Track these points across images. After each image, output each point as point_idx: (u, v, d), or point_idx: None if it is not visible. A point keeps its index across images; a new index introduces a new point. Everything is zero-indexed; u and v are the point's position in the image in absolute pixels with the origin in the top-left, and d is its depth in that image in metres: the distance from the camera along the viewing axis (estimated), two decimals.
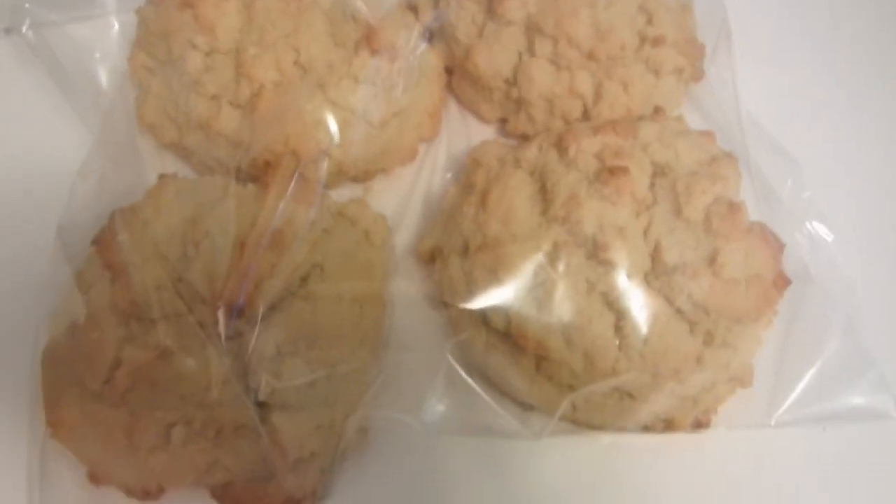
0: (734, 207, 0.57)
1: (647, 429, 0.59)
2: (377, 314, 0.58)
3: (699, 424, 0.60)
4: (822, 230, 0.68)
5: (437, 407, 0.57)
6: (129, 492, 0.55)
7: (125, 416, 0.53)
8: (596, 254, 0.54)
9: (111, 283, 0.56)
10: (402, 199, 0.69)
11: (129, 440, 0.53)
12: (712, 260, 0.55)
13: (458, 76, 0.73)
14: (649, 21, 0.69)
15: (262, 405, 0.54)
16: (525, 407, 0.59)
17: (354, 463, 0.58)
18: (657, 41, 0.68)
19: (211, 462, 0.54)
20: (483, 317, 0.57)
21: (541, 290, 0.55)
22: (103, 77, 0.74)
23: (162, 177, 0.63)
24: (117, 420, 0.53)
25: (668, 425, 0.59)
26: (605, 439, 0.58)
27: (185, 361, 0.52)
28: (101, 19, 0.76)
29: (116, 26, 0.77)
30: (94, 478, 0.55)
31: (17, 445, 0.59)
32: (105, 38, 0.76)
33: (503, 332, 0.56)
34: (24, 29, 0.73)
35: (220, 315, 0.52)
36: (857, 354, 0.63)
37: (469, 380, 0.57)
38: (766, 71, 0.76)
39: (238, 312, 0.52)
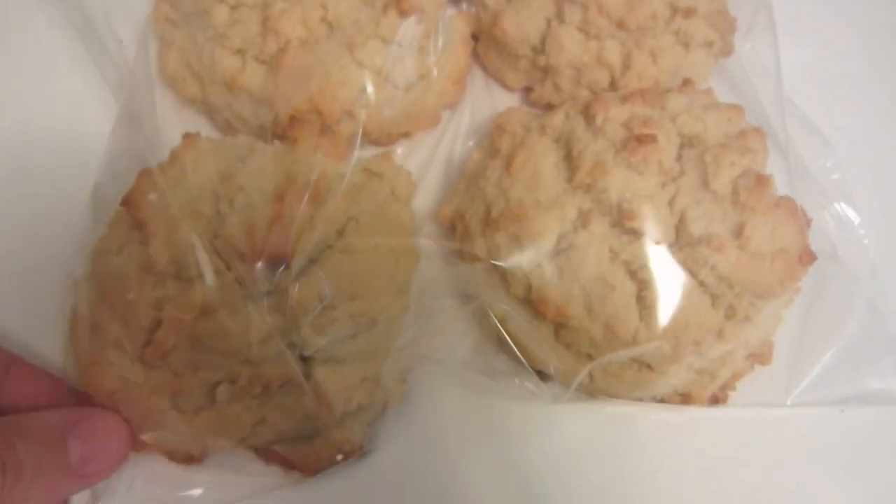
0: (762, 181, 0.56)
1: (663, 401, 0.59)
2: (412, 264, 0.58)
3: (716, 400, 0.59)
4: (849, 212, 0.67)
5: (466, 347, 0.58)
6: (172, 457, 0.55)
7: (168, 377, 0.52)
8: (621, 222, 0.54)
9: (143, 244, 0.55)
10: (422, 164, 0.69)
11: (172, 401, 0.52)
12: (738, 233, 0.54)
13: (484, 42, 0.72)
14: None
15: (305, 360, 0.53)
16: (542, 377, 0.59)
17: (395, 415, 0.58)
18: (688, 13, 0.67)
19: (258, 420, 0.53)
20: (503, 282, 0.56)
21: (563, 257, 0.54)
22: (125, 28, 0.73)
23: (186, 135, 0.62)
24: (159, 382, 0.52)
25: (685, 399, 0.58)
26: (621, 408, 0.58)
27: (227, 319, 0.51)
28: None
29: None
30: (137, 444, 0.54)
31: None
32: None
33: (523, 298, 0.55)
34: None
35: (261, 269, 0.51)
36: (879, 337, 0.62)
37: (497, 327, 0.56)
38: (799, 51, 0.75)
39: (279, 265, 0.51)
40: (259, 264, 0.51)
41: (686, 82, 0.65)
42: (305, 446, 0.54)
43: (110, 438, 0.52)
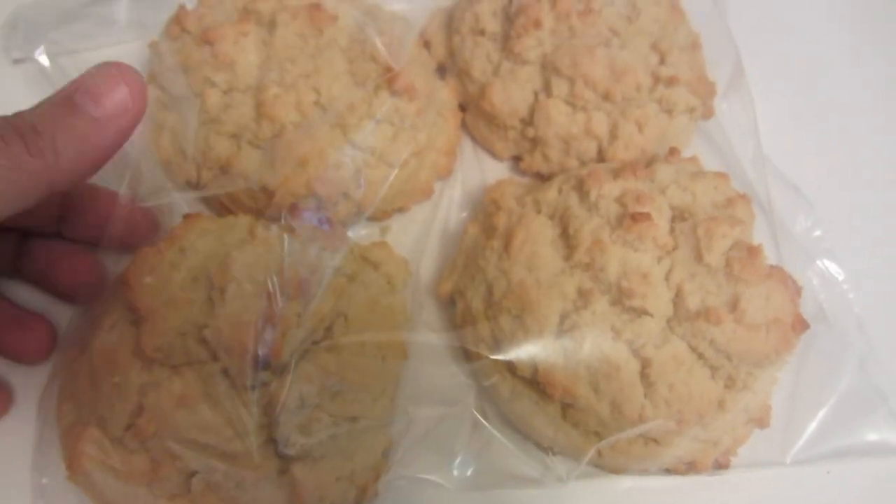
0: (753, 252, 0.58)
1: (669, 471, 0.60)
2: (398, 364, 0.58)
3: (719, 465, 0.60)
4: (832, 268, 0.69)
5: (466, 463, 0.57)
6: None
7: (146, 461, 0.53)
8: (621, 300, 0.55)
9: (134, 326, 0.55)
10: (419, 237, 0.69)
11: (148, 487, 0.53)
12: (734, 305, 0.55)
13: (472, 113, 0.74)
14: (662, 61, 0.70)
15: (282, 456, 0.54)
16: (549, 452, 0.59)
17: None
18: (670, 81, 0.69)
19: None
20: (509, 363, 0.57)
21: (567, 337, 0.55)
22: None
23: (187, 216, 0.62)
24: (137, 465, 0.52)
25: (690, 467, 0.59)
26: (628, 483, 0.59)
27: (208, 411, 0.51)
28: (117, 49, 0.75)
29: (133, 57, 0.76)
30: None
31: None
32: None
33: (529, 379, 0.56)
34: (37, 54, 0.72)
35: (245, 364, 0.52)
36: (870, 391, 0.64)
37: (493, 430, 0.57)
38: (775, 106, 0.77)
39: (265, 364, 0.52)
40: (244, 359, 0.51)
41: (672, 151, 0.67)
42: None
43: (119, 74, 0.50)
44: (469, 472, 0.57)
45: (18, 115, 0.47)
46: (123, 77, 0.50)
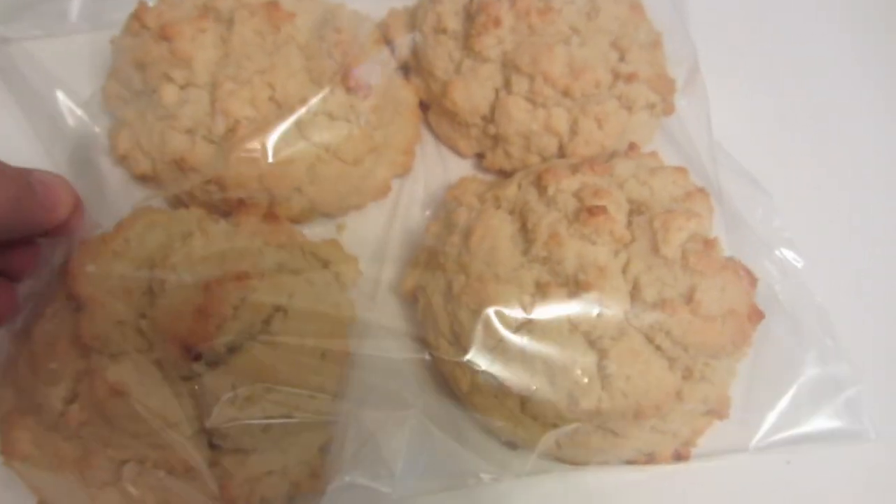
0: (709, 244, 0.58)
1: (629, 463, 0.60)
2: (339, 363, 0.58)
3: (679, 456, 0.61)
4: (791, 257, 0.70)
5: (411, 468, 0.56)
6: None
7: (78, 449, 0.53)
8: (578, 293, 0.55)
9: (75, 313, 0.55)
10: (380, 236, 0.69)
11: (80, 474, 0.53)
12: (690, 297, 0.56)
13: (435, 111, 0.74)
14: (622, 58, 0.70)
15: (214, 447, 0.54)
16: (509, 445, 0.59)
17: None
18: (630, 78, 0.69)
19: (160, 502, 0.54)
20: (466, 356, 0.57)
21: (524, 330, 0.55)
22: (67, 102, 0.72)
23: (137, 208, 0.62)
24: (70, 453, 0.53)
25: (650, 458, 0.60)
26: (588, 476, 0.59)
27: (140, 400, 0.51)
28: (67, 40, 0.75)
29: (86, 49, 0.75)
30: None
31: None
32: (72, 62, 0.74)
33: (488, 372, 0.56)
34: None
35: (179, 355, 0.52)
36: (830, 379, 0.65)
37: (441, 433, 0.56)
38: (732, 102, 0.78)
39: (196, 356, 0.52)
40: (178, 350, 0.51)
41: (632, 146, 0.67)
42: None
43: (57, 183, 0.57)
44: (413, 477, 0.56)
45: None
46: (64, 186, 0.57)
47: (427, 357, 0.58)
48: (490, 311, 0.55)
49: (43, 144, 0.71)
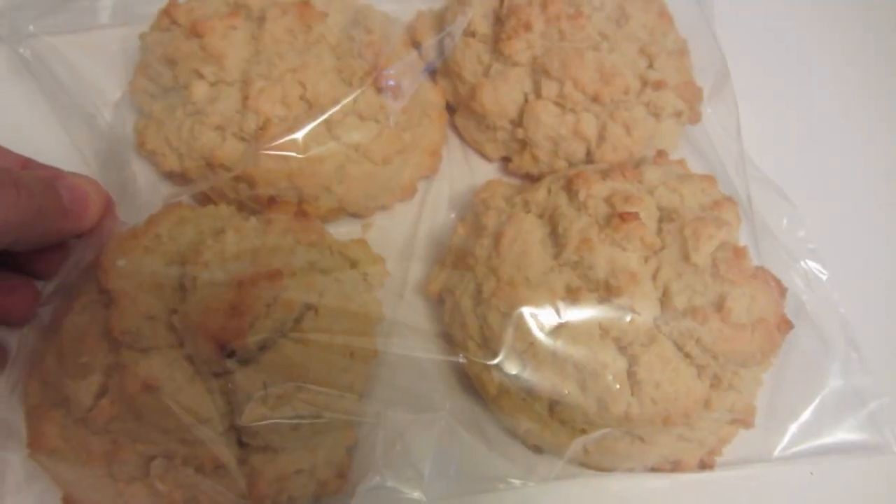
0: (739, 253, 0.58)
1: (654, 470, 0.60)
2: (367, 362, 0.58)
3: (704, 465, 0.60)
4: (816, 268, 0.70)
5: (438, 471, 0.56)
6: None
7: (106, 443, 0.53)
8: (609, 298, 0.55)
9: (105, 308, 0.55)
10: (407, 237, 0.69)
11: (108, 468, 0.53)
12: (720, 305, 0.56)
13: (462, 114, 0.74)
14: (650, 65, 0.70)
15: (243, 445, 0.54)
16: (535, 449, 0.59)
17: None
18: (658, 85, 0.70)
19: (188, 498, 0.53)
20: (496, 358, 0.56)
21: (555, 334, 0.55)
22: (96, 98, 0.72)
23: (167, 204, 0.62)
24: (98, 447, 0.53)
25: (676, 466, 0.59)
26: (613, 483, 0.59)
27: (171, 396, 0.51)
28: (97, 35, 0.75)
29: (115, 44, 0.75)
30: (70, 502, 0.54)
31: None
32: (101, 57, 0.74)
33: (517, 375, 0.56)
34: (17, 44, 0.71)
35: (211, 352, 0.51)
36: (853, 391, 0.65)
37: (470, 436, 0.56)
38: (758, 111, 0.79)
39: (229, 352, 0.52)
40: (209, 347, 0.51)
41: (660, 153, 0.67)
42: None
43: (87, 188, 0.57)
44: (442, 481, 0.56)
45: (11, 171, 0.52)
46: (94, 187, 0.57)
47: (459, 359, 0.58)
48: (524, 312, 0.54)
49: (72, 140, 0.71)
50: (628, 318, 0.55)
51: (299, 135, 0.63)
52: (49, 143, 0.70)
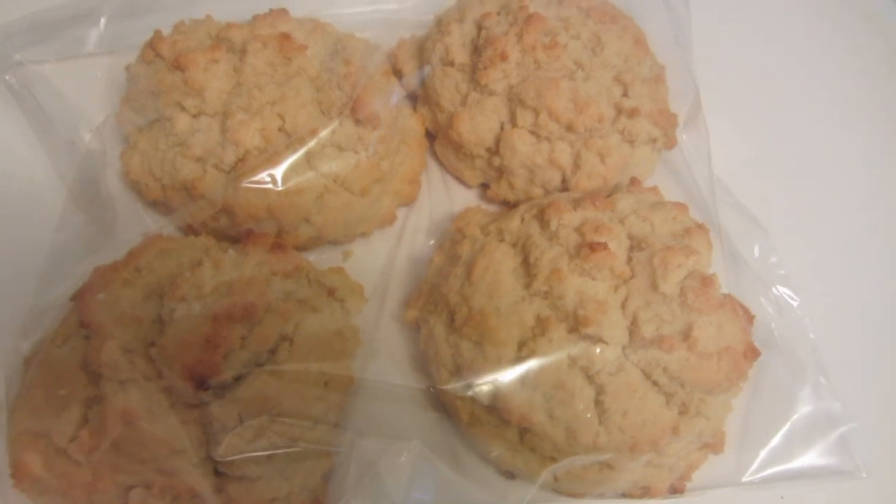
0: (707, 281, 0.59)
1: (625, 496, 0.61)
2: (342, 391, 0.59)
3: (674, 490, 0.62)
4: (787, 294, 0.71)
5: (414, 497, 0.56)
6: None
7: (87, 474, 0.54)
8: (577, 328, 0.56)
9: (86, 340, 0.56)
10: (385, 264, 0.70)
11: (88, 498, 0.54)
12: (687, 334, 0.57)
13: (441, 141, 0.75)
14: (625, 93, 0.72)
15: (219, 474, 0.55)
16: (508, 475, 0.60)
17: None
18: (633, 112, 0.71)
19: None
20: (468, 388, 0.58)
21: (524, 364, 0.56)
22: (81, 126, 0.74)
23: (147, 236, 0.63)
24: (79, 477, 0.54)
25: (646, 492, 0.60)
26: None
27: (149, 427, 0.53)
28: (82, 63, 0.77)
29: (101, 73, 0.77)
30: None
31: None
32: (87, 86, 0.76)
33: (488, 404, 0.57)
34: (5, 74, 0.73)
35: (188, 384, 0.53)
36: (824, 416, 0.66)
37: (442, 466, 0.57)
38: (733, 137, 0.80)
39: (203, 385, 0.53)
40: (186, 379, 0.53)
41: (633, 181, 0.68)
42: None
43: None
44: None
45: None
46: None
47: (429, 388, 0.59)
48: (491, 344, 0.56)
49: (56, 168, 0.72)
50: (596, 348, 0.56)
51: (279, 170, 0.64)
52: (33, 171, 0.72)
